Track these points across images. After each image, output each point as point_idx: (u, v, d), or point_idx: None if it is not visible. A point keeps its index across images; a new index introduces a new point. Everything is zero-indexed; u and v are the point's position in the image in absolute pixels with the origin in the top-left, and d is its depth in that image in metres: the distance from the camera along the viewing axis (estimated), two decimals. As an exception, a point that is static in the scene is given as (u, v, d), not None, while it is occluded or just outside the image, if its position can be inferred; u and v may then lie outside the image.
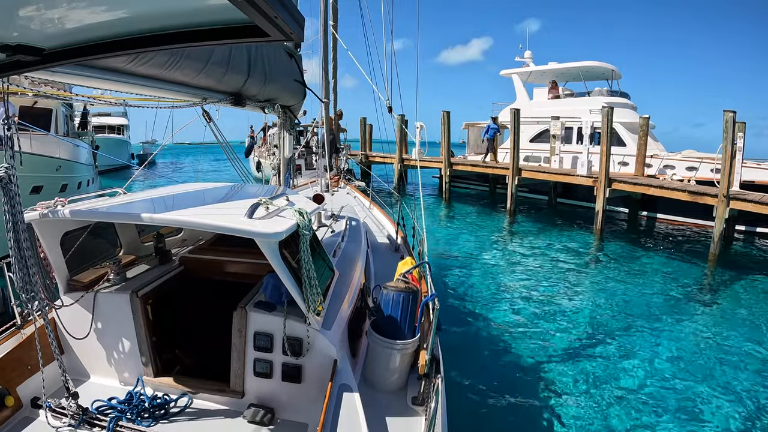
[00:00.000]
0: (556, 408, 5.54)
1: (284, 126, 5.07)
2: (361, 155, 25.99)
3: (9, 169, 2.27)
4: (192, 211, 2.98)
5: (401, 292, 3.33)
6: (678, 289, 9.84)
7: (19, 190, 2.34)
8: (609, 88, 20.70)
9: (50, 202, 3.07)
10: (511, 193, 17.46)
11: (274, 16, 1.28)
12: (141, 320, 3.23)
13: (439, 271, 10.67)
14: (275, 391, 3.04)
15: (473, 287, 9.73)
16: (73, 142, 12.77)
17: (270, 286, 3.05)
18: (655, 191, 13.64)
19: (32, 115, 11.69)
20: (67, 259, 3.31)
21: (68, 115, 14.24)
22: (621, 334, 7.56)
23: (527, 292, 9.56)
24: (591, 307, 8.73)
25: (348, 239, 4.92)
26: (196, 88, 3.35)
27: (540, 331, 7.66)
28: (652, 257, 12.29)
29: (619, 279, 10.44)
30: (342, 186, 9.75)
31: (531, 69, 22.79)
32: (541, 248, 13.23)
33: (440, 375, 3.02)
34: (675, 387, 5.97)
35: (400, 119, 23.67)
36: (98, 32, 1.71)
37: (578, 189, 17.72)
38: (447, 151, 20.79)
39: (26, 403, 2.94)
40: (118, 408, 2.88)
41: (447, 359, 3.67)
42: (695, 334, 7.55)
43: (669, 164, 16.13)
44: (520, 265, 11.59)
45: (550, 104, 21.42)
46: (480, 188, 24.09)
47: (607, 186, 14.29)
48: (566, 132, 19.28)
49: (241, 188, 4.30)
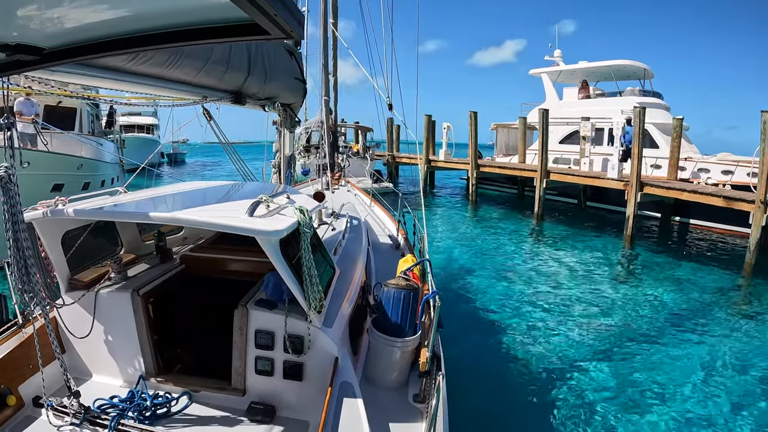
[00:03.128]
0: (561, 410, 5.45)
1: (284, 124, 5.08)
2: (388, 156, 25.99)
3: (9, 168, 2.28)
4: (193, 210, 3.01)
5: (402, 290, 3.33)
6: (710, 299, 9.42)
7: (19, 190, 2.34)
8: (641, 88, 20.07)
9: (51, 201, 3.09)
10: (538, 196, 17.07)
11: (273, 14, 1.29)
12: (142, 319, 3.24)
13: (455, 274, 10.56)
14: (276, 388, 3.05)
15: (488, 290, 9.59)
16: (96, 140, 13.05)
17: (271, 284, 3.06)
18: (688, 196, 13.10)
19: (57, 114, 12.04)
20: (68, 258, 3.32)
21: (94, 115, 14.52)
22: (643, 343, 7.29)
23: (545, 296, 9.36)
24: (612, 315, 8.47)
25: (349, 237, 4.93)
26: (196, 86, 3.38)
27: (554, 334, 7.49)
28: (683, 265, 11.83)
29: (647, 286, 10.09)
30: (343, 184, 9.80)
31: (561, 68, 22.35)
32: (567, 252, 12.93)
33: (441, 372, 3.01)
34: (706, 405, 5.67)
35: (427, 119, 23.57)
36: (98, 31, 1.72)
37: (608, 193, 17.20)
38: (474, 152, 20.53)
39: (28, 402, 2.95)
40: (120, 407, 2.90)
41: (450, 357, 3.61)
42: (728, 349, 7.18)
43: (703, 167, 15.51)
44: (541, 269, 11.35)
45: (581, 104, 20.93)
46: (508, 191, 23.74)
47: (639, 190, 13.82)
48: (597, 133, 18.76)
49: (241, 186, 4.33)
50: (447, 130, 24.01)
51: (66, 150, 10.48)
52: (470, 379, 5.85)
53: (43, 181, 8.87)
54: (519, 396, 5.79)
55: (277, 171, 5.57)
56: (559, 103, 21.97)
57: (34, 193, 3.91)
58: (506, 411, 5.48)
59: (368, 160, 22.36)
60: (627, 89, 20.13)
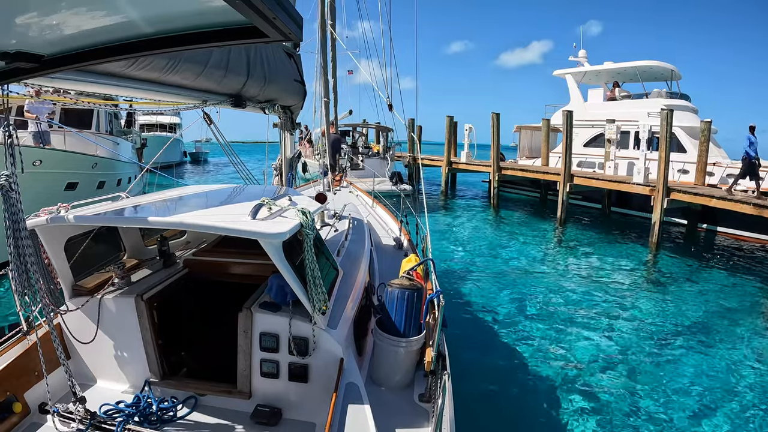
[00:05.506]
0: (570, 413, 5.39)
1: (284, 126, 5.08)
2: (409, 157, 25.88)
3: (10, 176, 2.27)
4: (195, 213, 3.03)
5: (406, 290, 3.34)
6: (739, 312, 9.07)
7: (21, 197, 2.33)
8: (668, 90, 19.58)
9: (53, 208, 3.10)
10: (561, 200, 16.73)
11: (272, 17, 1.29)
12: (146, 323, 3.25)
13: (472, 277, 10.47)
14: (282, 391, 3.06)
15: (505, 294, 9.46)
16: (112, 139, 13.22)
17: (275, 287, 3.06)
18: (716, 203, 12.70)
19: (74, 113, 12.24)
20: (72, 265, 3.33)
21: (112, 114, 14.70)
22: (663, 355, 7.07)
23: (563, 301, 9.18)
24: (632, 323, 8.24)
25: (351, 238, 4.93)
26: (196, 90, 3.39)
27: (571, 340, 7.35)
28: (710, 274, 11.44)
29: (672, 296, 9.79)
30: (344, 185, 9.80)
31: (585, 69, 21.94)
32: (588, 258, 12.66)
33: (447, 372, 3.01)
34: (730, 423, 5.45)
35: (449, 121, 23.41)
36: (97, 37, 1.72)
37: (634, 198, 16.82)
38: (496, 154, 20.23)
39: (34, 409, 2.96)
40: (126, 411, 2.90)
41: (460, 356, 3.58)
42: (757, 364, 6.88)
43: (732, 173, 15.02)
44: (561, 274, 11.15)
45: (606, 106, 20.52)
46: (531, 194, 23.38)
47: (665, 196, 13.44)
48: (622, 136, 18.31)
49: (243, 189, 4.36)
50: (469, 131, 23.80)
51: (80, 149, 10.58)
52: (479, 380, 5.87)
53: (56, 180, 8.96)
54: (527, 396, 5.75)
55: (279, 173, 5.56)
56: (583, 105, 21.57)
57: (47, 192, 3.97)
58: (514, 411, 5.46)
59: (388, 161, 22.31)
60: (654, 91, 19.66)
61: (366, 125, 25.53)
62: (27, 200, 3.13)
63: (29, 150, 8.48)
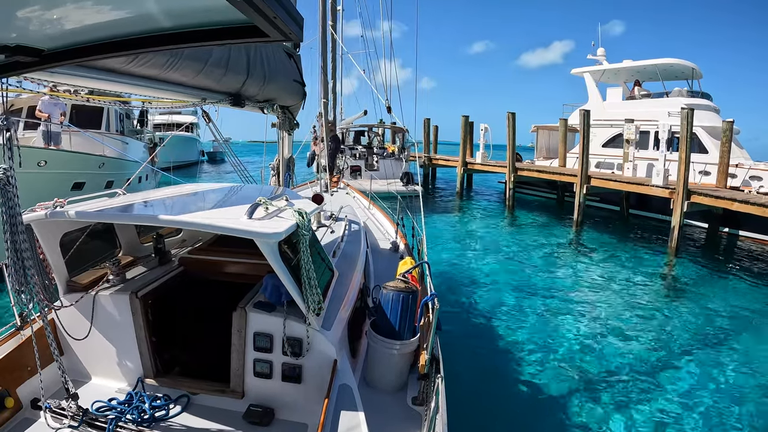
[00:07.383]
0: (566, 417, 5.31)
1: (282, 126, 5.07)
2: (424, 157, 25.78)
3: (8, 170, 2.27)
4: (191, 212, 3.03)
5: (401, 292, 3.33)
6: (761, 319, 8.78)
7: (18, 191, 2.34)
8: (689, 89, 19.11)
9: (49, 203, 3.09)
10: (578, 202, 16.38)
11: (273, 17, 1.29)
12: (141, 321, 3.25)
13: (482, 280, 10.37)
14: (275, 391, 3.06)
15: (517, 297, 9.34)
16: (121, 139, 13.31)
17: (270, 287, 3.07)
18: (739, 206, 12.29)
19: (84, 112, 12.32)
20: (67, 260, 3.33)
21: (123, 113, 14.75)
22: (681, 362, 6.86)
23: (576, 305, 9.01)
24: (647, 330, 8.03)
25: (347, 239, 4.95)
26: (195, 88, 3.40)
27: (577, 346, 7.20)
28: (732, 280, 11.10)
29: (691, 302, 9.52)
30: (341, 186, 9.82)
31: (604, 67, 21.57)
32: (604, 262, 12.41)
33: (440, 375, 3.00)
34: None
35: (464, 120, 23.24)
36: (97, 33, 1.73)
37: (653, 200, 16.41)
38: (512, 155, 19.97)
39: (26, 405, 2.97)
40: (118, 409, 2.91)
41: (455, 360, 3.54)
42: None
43: (755, 175, 14.58)
44: (574, 277, 10.96)
45: (625, 105, 20.12)
46: (547, 196, 23.02)
47: (686, 198, 13.02)
48: (641, 137, 17.90)
49: (240, 189, 4.37)
50: (485, 131, 23.59)
51: (88, 149, 10.64)
52: (473, 384, 5.82)
53: (62, 180, 9.00)
54: (523, 402, 5.68)
55: (276, 173, 5.56)
56: (602, 104, 21.20)
57: (54, 192, 3.99)
58: (507, 414, 5.41)
59: (403, 161, 22.27)
60: (674, 90, 19.21)
61: (382, 125, 25.51)
62: (32, 200, 3.17)
63: (34, 151, 8.54)
